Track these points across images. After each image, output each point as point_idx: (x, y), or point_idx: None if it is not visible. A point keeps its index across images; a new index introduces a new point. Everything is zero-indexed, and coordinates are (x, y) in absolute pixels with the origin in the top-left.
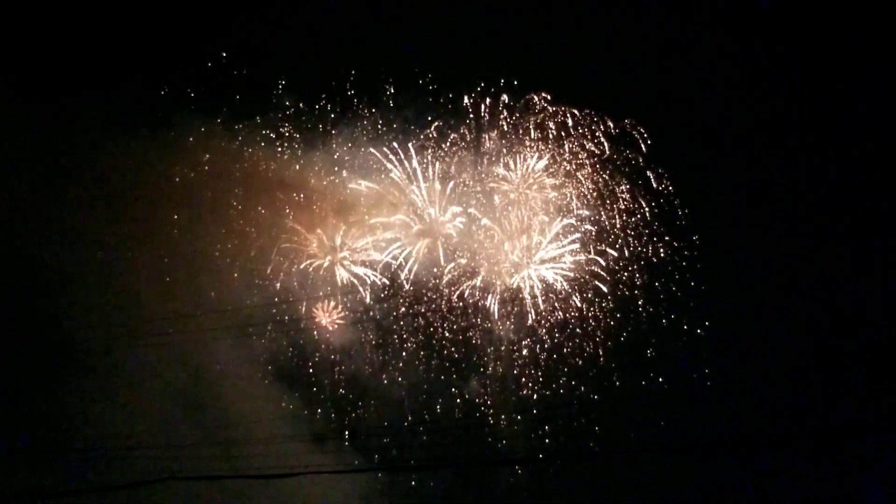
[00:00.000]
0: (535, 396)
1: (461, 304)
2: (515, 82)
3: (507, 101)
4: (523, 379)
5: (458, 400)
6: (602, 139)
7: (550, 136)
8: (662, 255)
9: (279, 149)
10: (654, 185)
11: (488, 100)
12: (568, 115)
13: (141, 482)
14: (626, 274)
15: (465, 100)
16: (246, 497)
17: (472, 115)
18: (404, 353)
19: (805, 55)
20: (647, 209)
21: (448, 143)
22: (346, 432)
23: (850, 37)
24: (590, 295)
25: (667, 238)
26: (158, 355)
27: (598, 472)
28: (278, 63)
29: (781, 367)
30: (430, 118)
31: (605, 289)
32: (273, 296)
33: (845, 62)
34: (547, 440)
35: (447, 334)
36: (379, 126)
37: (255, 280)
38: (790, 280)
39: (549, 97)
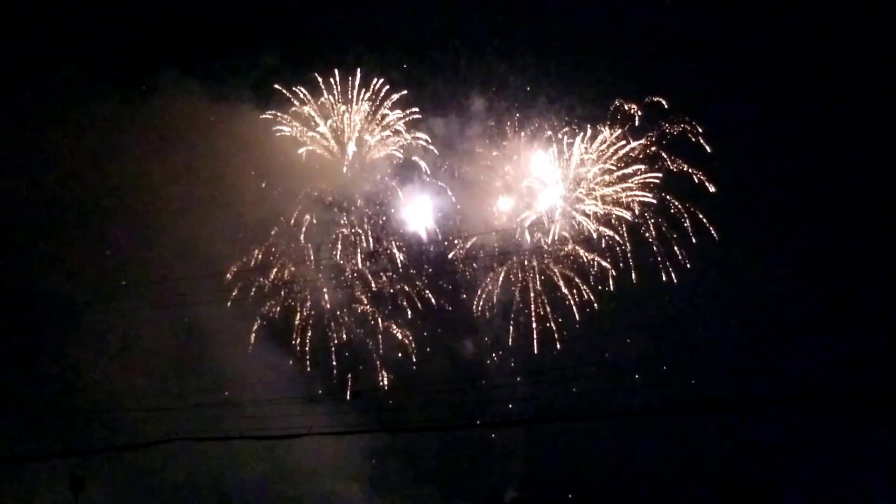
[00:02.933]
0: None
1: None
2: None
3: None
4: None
5: (456, 361)
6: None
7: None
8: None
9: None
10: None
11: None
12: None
13: (147, 443)
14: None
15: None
16: (249, 456)
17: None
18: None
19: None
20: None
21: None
22: (349, 393)
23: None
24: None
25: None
26: (162, 318)
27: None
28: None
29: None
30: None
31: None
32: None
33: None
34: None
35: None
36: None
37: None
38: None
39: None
